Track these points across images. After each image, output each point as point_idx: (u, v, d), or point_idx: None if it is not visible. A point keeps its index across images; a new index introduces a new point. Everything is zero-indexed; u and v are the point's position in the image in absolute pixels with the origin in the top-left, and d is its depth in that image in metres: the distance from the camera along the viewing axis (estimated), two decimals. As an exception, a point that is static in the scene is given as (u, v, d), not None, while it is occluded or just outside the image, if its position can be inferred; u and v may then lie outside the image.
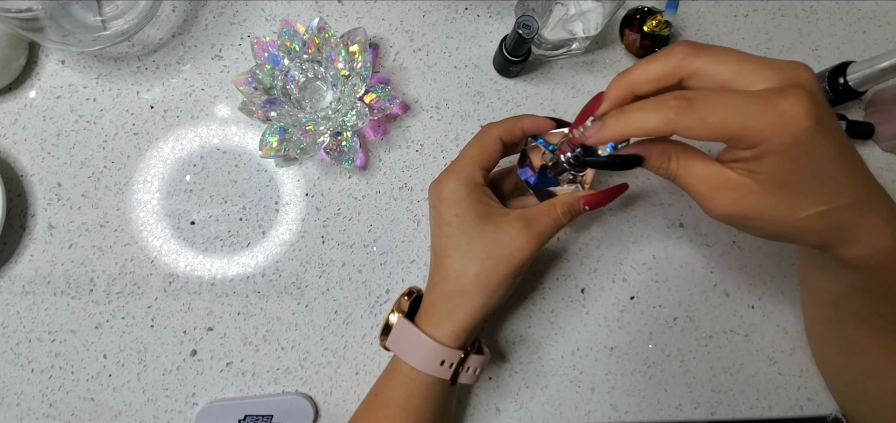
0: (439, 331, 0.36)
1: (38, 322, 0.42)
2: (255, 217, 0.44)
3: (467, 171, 0.36)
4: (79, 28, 0.41)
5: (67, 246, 0.42)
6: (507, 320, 0.45)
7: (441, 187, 0.37)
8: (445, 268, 0.36)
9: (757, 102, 0.25)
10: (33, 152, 0.43)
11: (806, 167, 0.26)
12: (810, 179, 0.27)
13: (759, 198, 0.27)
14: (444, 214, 0.36)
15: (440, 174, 0.38)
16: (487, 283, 0.35)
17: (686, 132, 0.26)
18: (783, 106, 0.25)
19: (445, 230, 0.36)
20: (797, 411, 0.46)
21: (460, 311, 0.36)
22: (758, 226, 0.29)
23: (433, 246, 0.38)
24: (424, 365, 0.36)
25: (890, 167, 0.50)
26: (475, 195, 0.36)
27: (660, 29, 0.47)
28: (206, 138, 0.44)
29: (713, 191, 0.28)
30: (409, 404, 0.36)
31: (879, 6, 0.53)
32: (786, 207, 0.27)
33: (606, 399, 0.45)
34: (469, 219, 0.35)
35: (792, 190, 0.27)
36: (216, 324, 0.43)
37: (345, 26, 0.47)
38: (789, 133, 0.25)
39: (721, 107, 0.26)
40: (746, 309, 0.47)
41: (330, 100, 0.44)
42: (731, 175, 0.28)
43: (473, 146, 0.37)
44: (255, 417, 0.41)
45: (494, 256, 0.35)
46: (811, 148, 0.26)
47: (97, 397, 0.41)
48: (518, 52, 0.43)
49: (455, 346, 0.36)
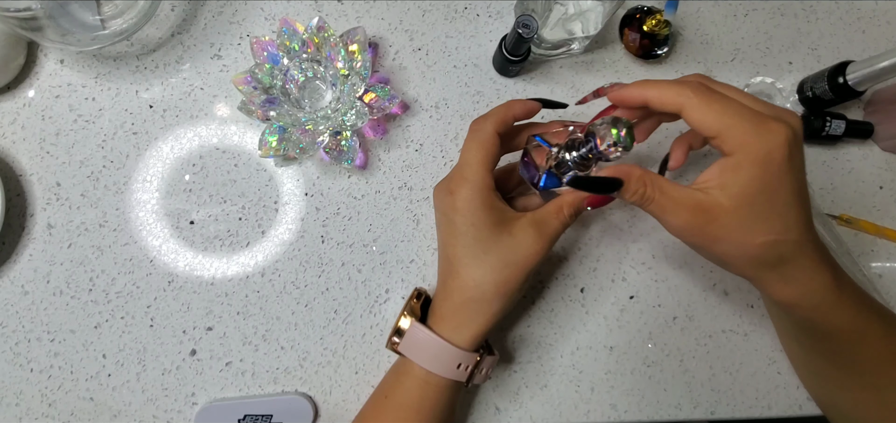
0: (458, 336, 0.36)
1: (37, 322, 0.41)
2: (254, 217, 0.44)
3: (479, 177, 0.36)
4: (78, 27, 0.41)
5: (66, 246, 0.42)
6: (507, 320, 0.45)
7: (455, 197, 0.36)
8: (463, 277, 0.36)
9: (751, 114, 0.30)
10: (32, 152, 0.43)
11: (770, 192, 0.30)
12: (769, 208, 0.30)
13: (727, 217, 0.30)
14: (458, 223, 0.36)
15: (447, 180, 0.37)
16: (505, 290, 0.36)
17: (691, 113, 0.31)
18: (769, 125, 0.30)
19: (461, 240, 0.36)
20: (796, 410, 0.46)
21: (479, 317, 0.36)
22: (719, 247, 0.32)
23: (447, 254, 0.37)
24: (441, 369, 0.36)
25: (889, 167, 0.50)
26: (489, 202, 0.36)
27: (659, 28, 0.47)
28: (205, 138, 0.44)
29: (687, 212, 0.31)
30: (423, 406, 0.36)
31: (879, 6, 0.53)
32: (747, 229, 0.31)
33: (606, 399, 0.45)
34: (484, 228, 0.35)
35: (754, 213, 0.30)
36: (216, 324, 0.43)
37: (344, 25, 0.47)
38: (767, 149, 0.29)
39: (724, 104, 0.30)
40: (745, 309, 0.47)
41: (329, 99, 0.44)
42: (702, 197, 0.31)
43: (475, 148, 0.36)
44: (254, 416, 0.41)
45: (511, 263, 0.35)
46: (779, 173, 0.30)
47: (96, 396, 0.41)
48: (517, 52, 0.43)
49: (471, 349, 0.36)
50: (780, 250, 0.31)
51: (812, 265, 0.32)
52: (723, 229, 0.31)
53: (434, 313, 0.38)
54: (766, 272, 0.33)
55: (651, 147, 0.48)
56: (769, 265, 0.32)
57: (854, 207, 0.50)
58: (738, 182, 0.30)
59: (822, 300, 0.33)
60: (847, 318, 0.34)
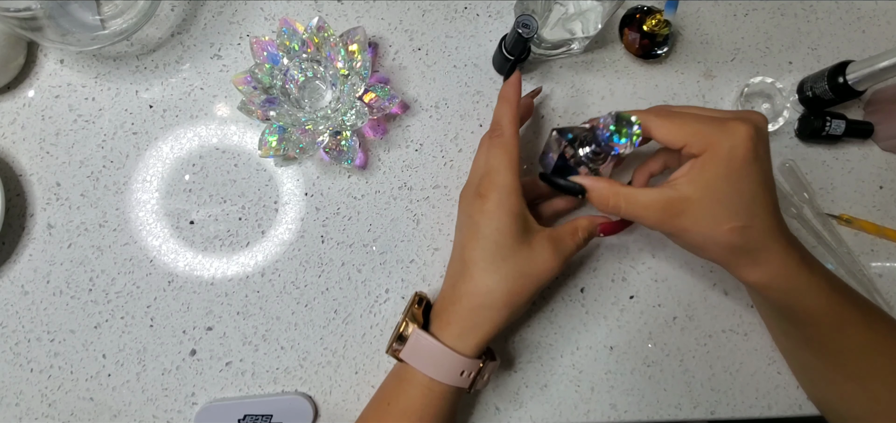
0: (461, 343, 0.36)
1: (37, 322, 0.41)
2: (254, 217, 0.44)
3: (508, 182, 0.36)
4: (77, 27, 0.41)
5: (66, 246, 0.42)
6: (507, 320, 0.45)
7: (485, 200, 0.36)
8: (476, 281, 0.36)
9: (713, 120, 0.34)
10: (32, 152, 0.43)
11: (736, 183, 0.33)
12: (736, 197, 0.33)
13: (695, 208, 0.33)
14: (483, 227, 0.36)
15: (476, 184, 0.37)
16: (515, 300, 0.36)
17: (658, 131, 0.34)
18: (731, 126, 0.33)
19: (481, 243, 0.36)
20: (796, 410, 0.46)
21: (485, 325, 0.36)
22: (690, 237, 0.35)
23: (463, 256, 0.37)
24: (444, 376, 0.36)
25: (889, 167, 0.50)
26: (516, 209, 0.36)
27: (659, 28, 0.47)
28: (205, 138, 0.44)
29: (657, 210, 0.34)
30: (426, 413, 0.36)
31: (879, 6, 0.53)
32: (714, 218, 0.33)
33: (606, 399, 0.45)
34: (507, 235, 0.35)
35: (721, 202, 0.33)
36: (215, 324, 0.43)
37: (344, 25, 0.47)
38: (730, 145, 0.32)
39: (686, 117, 0.34)
40: (745, 308, 0.47)
41: (329, 99, 0.44)
42: (671, 193, 0.34)
43: (500, 154, 0.36)
44: (254, 416, 0.41)
45: (525, 274, 0.36)
46: (743, 165, 0.32)
47: (96, 396, 0.41)
48: (517, 52, 0.43)
49: (474, 357, 0.36)
50: (747, 236, 0.34)
51: (780, 249, 0.35)
52: (691, 219, 0.33)
53: (438, 316, 0.38)
54: (736, 257, 0.35)
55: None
56: (739, 251, 0.34)
57: (854, 207, 0.50)
58: (704, 176, 0.33)
59: (795, 283, 0.36)
60: (822, 301, 0.36)
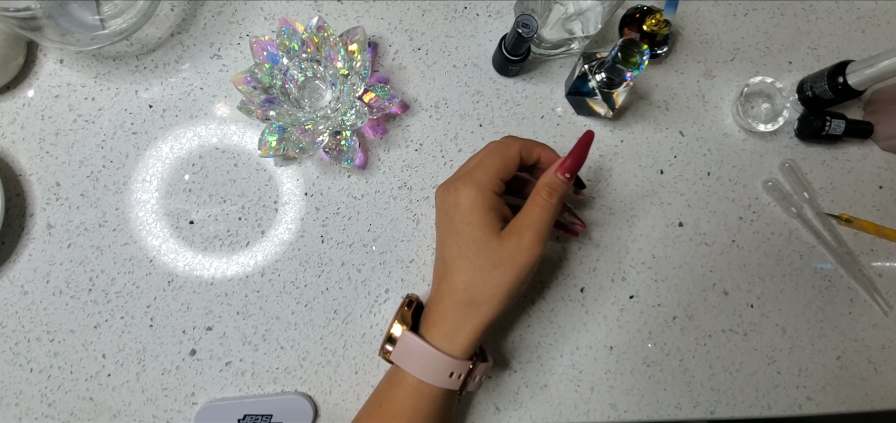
0: (448, 344, 0.36)
1: (36, 322, 0.41)
2: (254, 217, 0.44)
3: (487, 178, 0.36)
4: (77, 27, 0.41)
5: (66, 246, 0.42)
6: (507, 320, 0.45)
7: (458, 194, 0.36)
8: (454, 278, 0.36)
9: None
10: (32, 152, 0.43)
11: None
12: None
13: None
14: (456, 220, 0.36)
15: (454, 180, 0.37)
16: (495, 292, 0.35)
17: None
18: None
19: (456, 239, 0.36)
20: (796, 410, 0.46)
21: (470, 322, 0.36)
22: None
23: (443, 254, 0.37)
24: (433, 378, 0.35)
25: (889, 167, 0.50)
26: (490, 203, 0.36)
27: (659, 28, 0.47)
28: (204, 138, 0.44)
29: None
30: (416, 416, 0.36)
31: (878, 6, 0.53)
32: None
33: (606, 398, 0.45)
34: (479, 228, 0.35)
35: None
36: (215, 324, 0.43)
37: (344, 25, 0.47)
38: None
39: None
40: (745, 308, 0.47)
41: (329, 99, 0.44)
42: None
43: (496, 157, 0.37)
44: (254, 416, 0.41)
45: (499, 264, 0.35)
46: None
47: (96, 396, 0.41)
48: (517, 52, 0.43)
49: (463, 357, 0.36)
50: None
51: None
52: None
53: (426, 318, 0.37)
54: None
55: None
56: None
57: (854, 207, 0.50)
58: None
59: None
60: None
